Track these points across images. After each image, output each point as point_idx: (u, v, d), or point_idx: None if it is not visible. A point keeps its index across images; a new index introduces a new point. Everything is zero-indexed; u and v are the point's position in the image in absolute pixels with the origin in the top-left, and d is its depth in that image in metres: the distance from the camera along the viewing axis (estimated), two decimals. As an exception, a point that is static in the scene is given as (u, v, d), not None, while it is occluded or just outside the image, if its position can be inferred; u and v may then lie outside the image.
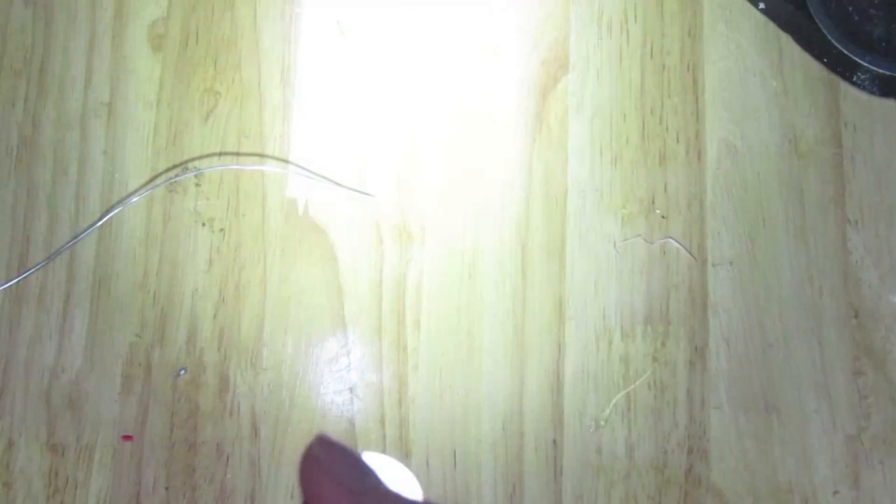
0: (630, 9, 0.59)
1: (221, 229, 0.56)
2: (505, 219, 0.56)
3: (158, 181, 0.57)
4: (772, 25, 0.59)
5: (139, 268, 0.56)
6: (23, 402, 0.54)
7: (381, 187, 0.57)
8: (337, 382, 0.54)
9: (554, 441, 0.53)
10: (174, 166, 0.57)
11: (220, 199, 0.57)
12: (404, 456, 0.53)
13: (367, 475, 0.20)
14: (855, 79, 0.58)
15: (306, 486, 0.20)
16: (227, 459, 0.53)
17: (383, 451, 0.53)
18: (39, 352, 0.54)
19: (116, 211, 0.56)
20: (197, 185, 0.57)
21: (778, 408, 0.54)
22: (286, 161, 0.57)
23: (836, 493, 0.53)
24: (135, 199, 0.56)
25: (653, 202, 0.57)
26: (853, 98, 0.58)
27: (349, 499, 0.19)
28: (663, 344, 0.55)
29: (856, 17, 0.57)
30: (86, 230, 0.56)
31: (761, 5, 0.59)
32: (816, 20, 0.56)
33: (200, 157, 0.57)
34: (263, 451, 0.53)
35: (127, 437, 0.53)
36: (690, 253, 0.56)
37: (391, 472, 0.23)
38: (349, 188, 0.57)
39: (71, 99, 0.58)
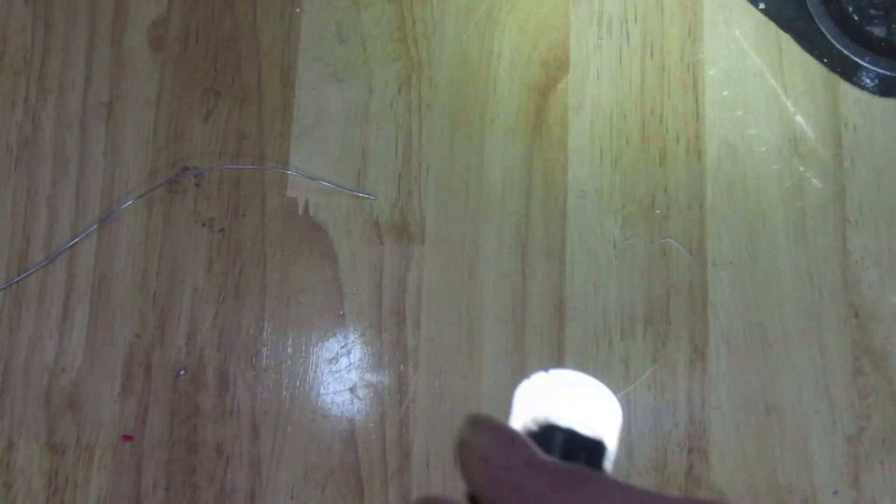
0: (630, 9, 0.59)
1: (221, 229, 0.56)
2: (505, 219, 0.56)
3: (158, 181, 0.57)
4: (772, 25, 0.59)
5: (139, 267, 0.56)
6: (23, 402, 0.54)
7: (381, 187, 0.57)
8: (337, 382, 0.54)
9: (554, 441, 0.53)
10: (174, 166, 0.57)
11: (220, 199, 0.57)
12: (404, 456, 0.53)
13: (518, 447, 0.20)
14: (855, 79, 0.58)
15: (461, 469, 0.20)
16: (227, 459, 0.53)
17: (383, 451, 0.53)
18: (39, 352, 0.54)
19: (116, 211, 0.56)
20: (197, 185, 0.57)
21: (778, 408, 0.54)
22: (286, 161, 0.57)
23: (835, 493, 0.53)
24: (135, 199, 0.56)
25: (653, 202, 0.57)
26: (853, 98, 0.58)
27: (501, 480, 0.19)
28: (663, 344, 0.55)
29: (856, 17, 0.57)
30: (86, 230, 0.56)
31: (761, 5, 0.59)
32: (816, 20, 0.56)
33: (200, 157, 0.57)
34: (263, 451, 0.53)
35: (127, 437, 0.53)
36: (690, 253, 0.56)
37: (570, 391, 0.22)
38: (349, 189, 0.57)
39: (71, 99, 0.58)
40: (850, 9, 0.57)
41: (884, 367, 0.54)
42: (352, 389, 0.54)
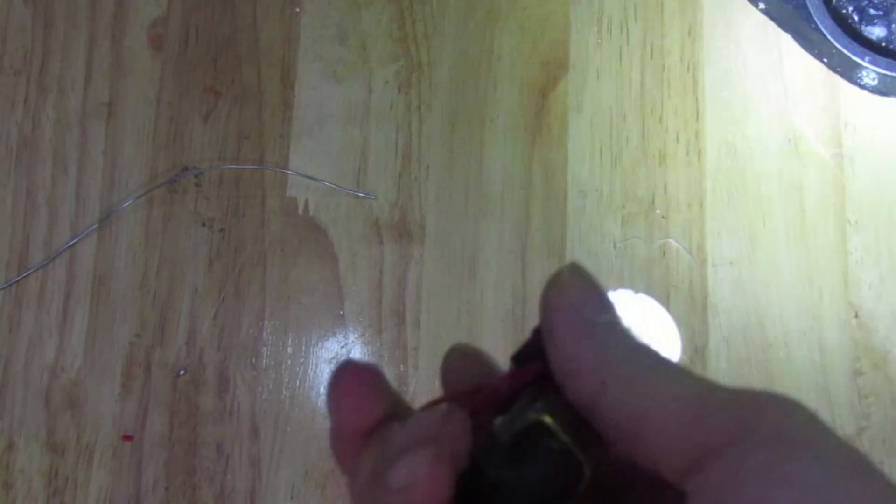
0: (630, 9, 0.59)
1: (221, 229, 0.56)
2: (505, 219, 0.56)
3: (158, 181, 0.57)
4: (772, 25, 0.59)
5: (139, 267, 0.56)
6: (23, 402, 0.54)
7: (381, 187, 0.57)
8: (337, 382, 0.54)
9: (554, 441, 0.53)
10: (174, 166, 0.57)
11: (220, 199, 0.57)
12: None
13: (606, 310, 0.20)
14: (855, 79, 0.58)
15: (545, 309, 0.20)
16: (227, 459, 0.53)
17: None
18: (39, 352, 0.54)
19: (116, 211, 0.56)
20: (197, 185, 0.57)
21: (778, 408, 0.54)
22: (286, 161, 0.57)
23: (836, 493, 0.53)
24: (135, 199, 0.56)
25: (653, 202, 0.57)
26: (853, 98, 0.58)
27: (580, 329, 0.19)
28: (663, 344, 0.55)
29: (856, 17, 0.57)
30: (86, 230, 0.56)
31: (761, 5, 0.59)
32: (816, 20, 0.56)
33: (200, 157, 0.57)
34: (263, 451, 0.53)
35: (127, 438, 0.53)
36: (690, 253, 0.56)
37: (648, 316, 0.23)
38: (349, 189, 0.57)
39: (71, 99, 0.58)
40: (850, 9, 0.57)
41: (884, 367, 0.54)
42: (352, 389, 0.54)
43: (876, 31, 0.57)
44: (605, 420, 0.18)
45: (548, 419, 0.18)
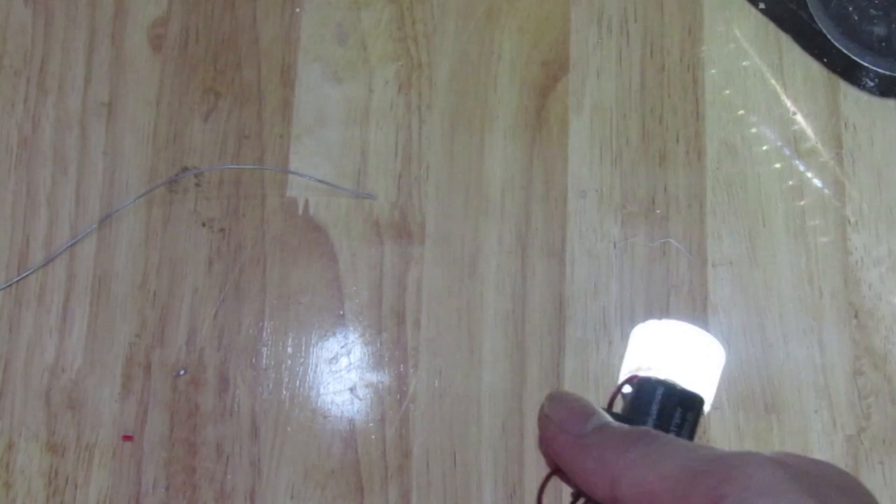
0: (630, 9, 0.59)
1: (221, 229, 0.56)
2: (505, 219, 0.56)
3: (158, 181, 0.57)
4: (772, 25, 0.59)
5: (139, 268, 0.56)
6: (23, 402, 0.54)
7: (381, 187, 0.57)
8: (337, 382, 0.54)
9: (554, 441, 0.53)
10: (174, 166, 0.57)
11: (220, 199, 0.57)
12: (404, 456, 0.53)
13: (589, 418, 0.23)
14: (855, 79, 0.58)
15: (542, 442, 0.23)
16: (227, 459, 0.53)
17: (383, 451, 0.53)
18: (39, 352, 0.54)
19: (116, 211, 0.56)
20: (197, 185, 0.57)
21: (778, 408, 0.54)
22: (286, 161, 0.57)
23: (836, 493, 0.53)
24: (135, 199, 0.56)
25: (653, 202, 0.57)
26: (853, 98, 0.58)
27: (574, 442, 0.22)
28: (663, 344, 0.55)
29: (856, 17, 0.57)
30: (86, 230, 0.56)
31: (761, 5, 0.59)
32: (816, 20, 0.56)
33: (200, 157, 0.57)
34: (263, 451, 0.53)
35: (127, 438, 0.53)
36: (690, 253, 0.56)
37: (681, 342, 0.25)
38: (349, 189, 0.57)
39: (71, 99, 0.58)
40: (851, 9, 0.57)
41: (884, 367, 0.54)
42: (352, 389, 0.54)
43: (876, 31, 0.57)
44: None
45: None
